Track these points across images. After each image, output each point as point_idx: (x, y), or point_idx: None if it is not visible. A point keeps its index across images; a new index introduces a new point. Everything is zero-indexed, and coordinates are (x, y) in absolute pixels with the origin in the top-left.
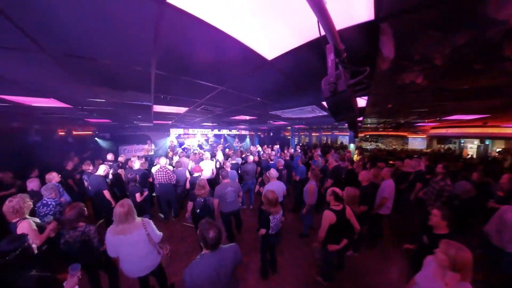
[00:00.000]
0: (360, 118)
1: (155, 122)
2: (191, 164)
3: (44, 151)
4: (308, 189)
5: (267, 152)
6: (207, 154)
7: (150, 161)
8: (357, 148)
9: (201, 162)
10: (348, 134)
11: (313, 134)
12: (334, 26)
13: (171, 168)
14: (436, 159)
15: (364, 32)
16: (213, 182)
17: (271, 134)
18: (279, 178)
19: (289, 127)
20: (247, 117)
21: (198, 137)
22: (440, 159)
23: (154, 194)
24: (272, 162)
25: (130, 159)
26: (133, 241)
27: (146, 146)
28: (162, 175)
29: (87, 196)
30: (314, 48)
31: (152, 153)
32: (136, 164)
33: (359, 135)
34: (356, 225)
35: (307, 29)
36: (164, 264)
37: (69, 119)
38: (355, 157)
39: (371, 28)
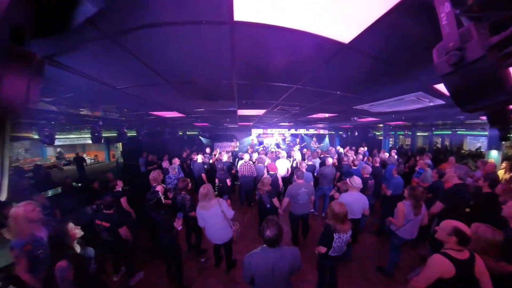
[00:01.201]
0: None
1: (240, 123)
2: (267, 161)
3: (171, 144)
4: (397, 209)
5: (349, 155)
6: (283, 153)
7: (234, 155)
8: (506, 158)
9: (277, 161)
10: (486, 133)
11: (418, 133)
12: None
13: (252, 163)
14: None
15: None
16: (287, 181)
17: (356, 134)
18: (363, 190)
19: (381, 125)
20: (326, 115)
21: (275, 136)
22: None
23: (236, 183)
24: (355, 168)
25: (220, 153)
26: (211, 215)
27: (232, 143)
28: (245, 168)
29: (192, 176)
30: (409, 7)
31: (237, 149)
32: (224, 157)
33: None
34: None
35: None
36: (234, 238)
37: (184, 124)
38: (502, 174)
39: None
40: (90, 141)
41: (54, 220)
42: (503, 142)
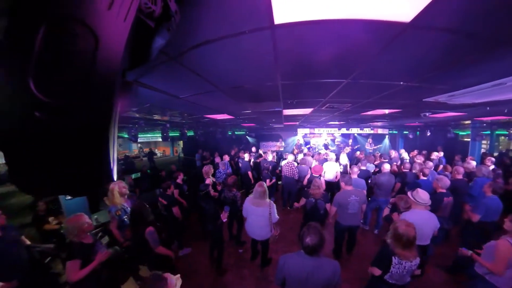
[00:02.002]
0: None
1: (285, 123)
2: (314, 163)
3: (222, 143)
4: (494, 247)
5: (418, 161)
6: (332, 155)
7: (279, 155)
8: None
9: (324, 163)
10: None
11: None
12: None
13: (296, 164)
14: None
15: None
16: (334, 186)
17: (428, 134)
18: (435, 209)
19: (468, 122)
20: (386, 111)
21: (324, 136)
22: None
23: (279, 183)
24: (425, 178)
25: (266, 152)
26: (258, 213)
27: (278, 143)
28: (287, 169)
29: (239, 172)
30: None
31: (282, 149)
32: (269, 157)
33: None
34: None
35: None
36: (270, 241)
37: (233, 124)
38: None
39: None
40: (160, 139)
41: (135, 196)
42: None
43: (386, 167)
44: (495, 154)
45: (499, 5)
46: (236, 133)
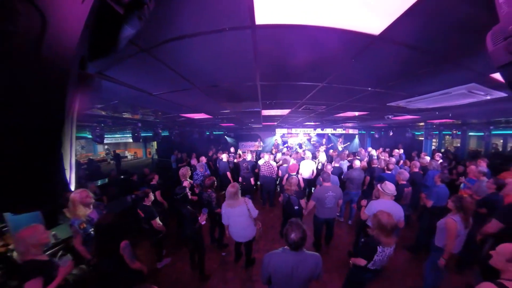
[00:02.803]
0: None
1: (264, 123)
2: (292, 162)
3: (199, 143)
4: (445, 225)
5: (383, 157)
6: (309, 154)
7: (257, 155)
8: None
9: (301, 162)
10: None
11: (471, 133)
12: None
13: (274, 163)
14: None
15: None
16: (312, 183)
17: (391, 134)
18: (397, 199)
19: (422, 123)
20: (356, 113)
21: (300, 136)
22: None
23: (258, 182)
24: (390, 172)
25: (244, 152)
26: (237, 214)
27: (256, 143)
28: (265, 168)
29: (217, 174)
30: None
31: (260, 148)
32: (249, 156)
33: None
34: None
35: None
36: (257, 237)
37: (211, 124)
38: None
39: None
40: (131, 140)
41: (103, 205)
42: None
43: (357, 163)
44: (442, 150)
45: (446, 30)
46: (214, 133)
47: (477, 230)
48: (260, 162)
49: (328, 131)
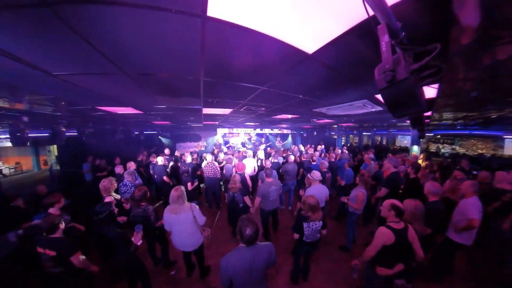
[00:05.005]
0: (429, 113)
1: (205, 122)
2: (235, 161)
3: (125, 145)
4: (356, 195)
5: (309, 152)
6: (250, 152)
7: (200, 156)
8: (423, 151)
9: (243, 160)
10: (410, 133)
11: (364, 133)
12: (384, 1)
13: (217, 164)
14: None
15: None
16: (254, 179)
17: (315, 133)
18: (322, 182)
19: (335, 126)
20: (289, 116)
21: (241, 136)
22: None
23: (202, 185)
24: (315, 163)
25: (184, 154)
26: (182, 220)
27: (200, 143)
28: (209, 169)
29: (152, 181)
30: (362, 32)
31: (203, 148)
32: (188, 159)
33: (426, 134)
34: (419, 251)
35: (352, 12)
36: (205, 244)
37: (141, 122)
38: (421, 163)
39: None
40: (8, 144)
41: None
42: (421, 140)
43: (291, 158)
44: (348, 145)
45: (354, 61)
46: (145, 132)
47: (371, 196)
48: (204, 163)
49: (267, 131)
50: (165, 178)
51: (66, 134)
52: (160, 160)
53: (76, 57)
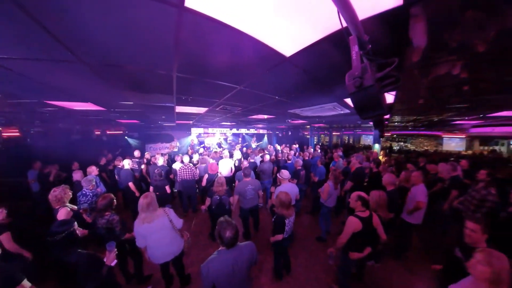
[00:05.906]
0: (387, 116)
1: (178, 122)
2: (210, 162)
3: (83, 147)
4: (323, 188)
5: (285, 151)
6: (226, 153)
7: (172, 158)
8: (382, 148)
9: (220, 161)
10: (372, 133)
11: (334, 133)
12: (356, 16)
13: (192, 165)
14: (477, 163)
15: (391, 20)
16: (231, 180)
17: (290, 133)
18: (297, 178)
19: (308, 126)
20: (265, 116)
21: (217, 136)
22: (483, 163)
23: (174, 190)
24: (290, 162)
25: (154, 156)
26: (158, 228)
27: (172, 143)
28: (186, 172)
29: (117, 188)
30: (336, 41)
31: (176, 149)
32: (160, 161)
33: (385, 134)
34: (382, 234)
35: (328, 21)
36: (185, 249)
37: (104, 120)
38: (382, 158)
39: (399, 14)
40: None
41: None
42: (381, 139)
43: (267, 157)
44: (320, 144)
45: (326, 67)
46: (109, 132)
47: (341, 190)
48: (176, 166)
49: (243, 131)
50: (130, 184)
51: (3, 134)
52: (126, 164)
53: (17, 36)
